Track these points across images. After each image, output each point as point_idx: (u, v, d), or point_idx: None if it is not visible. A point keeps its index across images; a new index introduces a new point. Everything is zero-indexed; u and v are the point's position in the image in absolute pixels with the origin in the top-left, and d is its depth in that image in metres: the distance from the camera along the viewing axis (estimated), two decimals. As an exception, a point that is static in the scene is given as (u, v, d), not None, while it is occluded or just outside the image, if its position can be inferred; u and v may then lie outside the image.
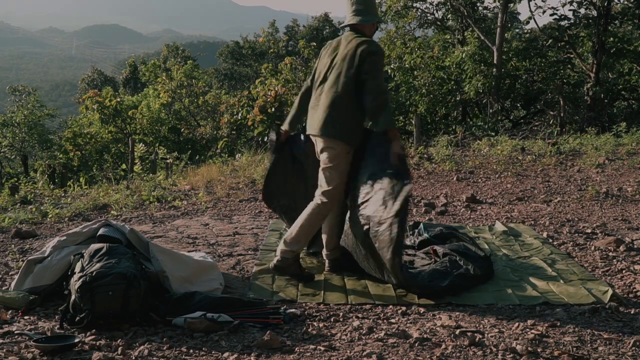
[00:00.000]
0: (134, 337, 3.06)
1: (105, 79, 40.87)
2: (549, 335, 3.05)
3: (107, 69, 67.36)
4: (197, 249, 4.77)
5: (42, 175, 12.96)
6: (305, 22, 37.30)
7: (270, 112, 14.55)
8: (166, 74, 22.00)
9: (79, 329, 3.10)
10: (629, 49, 16.93)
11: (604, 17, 16.57)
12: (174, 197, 7.43)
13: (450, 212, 6.30)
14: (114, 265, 3.19)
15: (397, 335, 3.03)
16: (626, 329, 3.12)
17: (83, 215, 6.52)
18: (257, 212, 6.48)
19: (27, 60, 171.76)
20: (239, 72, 35.37)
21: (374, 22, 4.01)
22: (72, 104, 45.66)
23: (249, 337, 3.06)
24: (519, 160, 9.28)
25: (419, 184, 7.99)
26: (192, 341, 3.02)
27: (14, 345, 2.91)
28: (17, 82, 38.89)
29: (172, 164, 11.80)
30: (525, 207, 6.43)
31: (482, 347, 2.88)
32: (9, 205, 7.28)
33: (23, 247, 5.04)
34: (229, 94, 21.68)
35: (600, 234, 5.16)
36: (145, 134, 19.75)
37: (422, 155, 10.09)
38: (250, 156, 10.68)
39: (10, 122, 21.42)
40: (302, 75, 16.16)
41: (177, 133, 20.06)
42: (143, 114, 20.19)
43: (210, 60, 47.41)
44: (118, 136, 19.31)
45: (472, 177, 8.33)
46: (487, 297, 3.71)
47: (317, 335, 3.10)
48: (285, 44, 32.87)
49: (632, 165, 8.63)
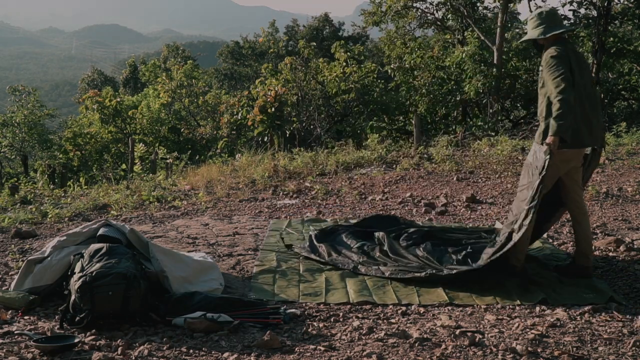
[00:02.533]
0: (134, 337, 3.06)
1: (105, 79, 40.82)
2: (549, 335, 3.05)
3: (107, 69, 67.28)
4: (197, 249, 4.77)
5: (42, 175, 12.96)
6: (306, 22, 37.24)
7: (270, 112, 14.54)
8: (166, 74, 21.99)
9: (79, 329, 3.10)
10: (629, 49, 16.92)
11: (604, 17, 16.56)
12: (174, 197, 7.43)
13: (450, 212, 6.30)
14: (114, 265, 3.19)
15: (397, 335, 3.03)
16: (626, 329, 3.12)
17: (83, 215, 6.52)
18: (257, 212, 6.48)
19: (27, 60, 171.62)
20: (239, 72, 35.33)
21: None
22: (72, 104, 45.62)
23: (249, 337, 3.06)
24: (519, 160, 9.27)
25: (419, 184, 7.99)
26: (192, 341, 3.02)
27: (14, 345, 2.91)
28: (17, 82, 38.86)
29: (172, 164, 11.80)
30: (525, 207, 6.42)
31: (482, 347, 2.88)
32: (9, 205, 7.28)
33: (23, 247, 5.04)
34: (229, 94, 21.67)
35: (600, 234, 5.16)
36: (145, 134, 19.74)
37: (422, 155, 10.09)
38: (250, 156, 10.67)
39: (10, 122, 21.40)
40: (302, 75, 16.15)
41: (177, 133, 20.05)
42: (143, 114, 20.18)
43: (210, 60, 47.37)
44: (118, 136, 19.30)
45: (472, 177, 8.33)
46: (487, 297, 3.71)
47: (317, 335, 3.10)
48: (285, 44, 32.81)
49: (632, 165, 8.63)
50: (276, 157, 10.56)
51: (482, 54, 16.91)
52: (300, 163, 9.60)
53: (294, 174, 8.91)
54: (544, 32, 3.96)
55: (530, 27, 4.07)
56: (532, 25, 4.05)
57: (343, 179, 8.48)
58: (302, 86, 16.05)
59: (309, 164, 9.54)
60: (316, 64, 16.62)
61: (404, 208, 6.53)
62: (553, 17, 4.03)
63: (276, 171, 8.97)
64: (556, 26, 3.98)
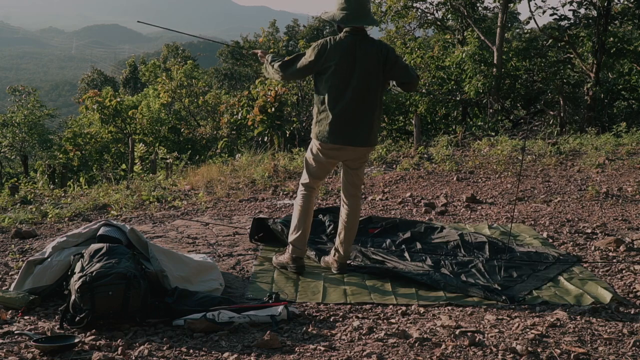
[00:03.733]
0: (134, 337, 3.06)
1: (105, 79, 40.83)
2: (549, 335, 3.05)
3: (107, 69, 67.30)
4: (197, 249, 4.77)
5: (42, 175, 12.97)
6: (306, 22, 37.31)
7: (270, 112, 14.54)
8: (166, 74, 21.99)
9: (79, 329, 3.10)
10: (629, 49, 16.92)
11: (604, 17, 16.56)
12: (174, 197, 7.43)
13: (450, 212, 6.30)
14: (114, 265, 3.19)
15: (397, 335, 3.03)
16: (626, 329, 3.12)
17: (83, 215, 6.52)
18: (257, 212, 6.48)
19: (27, 60, 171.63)
20: (239, 72, 35.36)
21: None
22: (72, 104, 45.64)
23: (249, 337, 3.06)
24: (519, 160, 9.27)
25: (419, 184, 7.99)
26: (192, 341, 3.02)
27: (14, 345, 2.91)
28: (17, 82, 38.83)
29: (172, 164, 11.81)
30: (525, 207, 6.43)
31: (482, 347, 2.88)
32: (9, 205, 7.28)
33: (23, 247, 5.04)
34: (229, 94, 21.67)
35: (600, 234, 5.16)
36: (145, 134, 19.74)
37: (422, 155, 10.09)
38: (250, 156, 10.68)
39: (10, 122, 21.42)
40: (302, 75, 16.13)
41: (177, 133, 20.06)
42: (143, 114, 20.19)
43: (210, 60, 47.37)
44: (118, 136, 19.31)
45: (472, 177, 8.33)
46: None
47: (317, 335, 3.10)
48: (286, 44, 32.84)
49: (632, 165, 8.63)
50: (276, 157, 10.56)
51: (482, 54, 16.92)
52: (300, 163, 9.60)
53: (294, 174, 8.92)
54: (344, 20, 3.88)
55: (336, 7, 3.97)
56: (338, 6, 3.94)
57: (343, 179, 8.48)
58: (302, 86, 16.06)
59: (309, 164, 9.53)
60: (316, 64, 16.59)
61: (404, 208, 6.53)
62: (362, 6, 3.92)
63: (276, 171, 8.97)
64: (359, 18, 3.88)
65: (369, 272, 4.15)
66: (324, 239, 4.96)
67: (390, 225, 5.18)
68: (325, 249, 4.64)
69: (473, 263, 4.29)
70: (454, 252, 4.59)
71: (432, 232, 5.02)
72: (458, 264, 4.27)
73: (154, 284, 3.47)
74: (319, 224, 5.19)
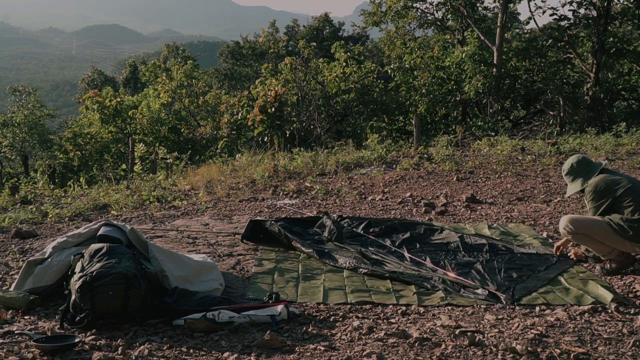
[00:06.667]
0: (134, 337, 3.07)
1: (105, 79, 40.78)
2: (549, 335, 3.05)
3: (107, 69, 67.26)
4: (197, 249, 4.77)
5: (42, 175, 12.97)
6: (306, 22, 37.24)
7: (270, 112, 14.54)
8: (166, 74, 21.98)
9: (79, 329, 3.10)
10: (628, 49, 16.92)
11: (604, 17, 16.56)
12: (174, 197, 7.43)
13: (450, 212, 6.30)
14: (114, 265, 3.19)
15: (397, 335, 3.03)
16: (626, 329, 3.12)
17: (83, 215, 6.52)
18: (257, 212, 6.48)
19: (27, 60, 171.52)
20: (239, 72, 35.31)
21: None
22: (72, 104, 45.63)
23: (249, 337, 3.06)
24: (519, 160, 9.27)
25: (419, 184, 8.00)
26: (192, 341, 3.02)
27: (14, 345, 2.91)
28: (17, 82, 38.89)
29: (172, 164, 11.80)
30: (525, 207, 6.43)
31: (482, 347, 2.88)
32: (9, 205, 7.28)
33: (23, 247, 5.04)
34: (229, 94, 21.64)
35: (600, 234, 5.15)
36: (145, 134, 19.72)
37: (422, 155, 10.09)
38: (250, 156, 10.68)
39: (11, 122, 21.39)
40: (302, 75, 16.15)
41: (177, 133, 20.03)
42: (143, 114, 20.16)
43: (210, 60, 47.34)
44: (118, 136, 19.29)
45: (472, 177, 8.33)
46: (487, 297, 3.71)
47: (317, 335, 3.10)
48: (286, 44, 32.78)
49: (632, 165, 8.63)
50: (276, 157, 10.56)
51: (482, 54, 16.92)
52: (300, 163, 9.60)
53: (294, 174, 8.92)
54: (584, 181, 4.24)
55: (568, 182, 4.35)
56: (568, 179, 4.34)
57: (343, 179, 8.49)
58: (302, 86, 16.05)
59: (309, 164, 9.54)
60: (316, 64, 16.62)
61: (403, 208, 6.53)
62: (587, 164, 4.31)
63: (276, 171, 8.98)
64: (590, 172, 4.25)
65: (369, 274, 4.15)
66: (324, 239, 4.96)
67: (389, 228, 5.17)
68: (325, 249, 4.64)
69: (473, 264, 4.30)
70: (454, 253, 4.59)
71: (432, 234, 5.03)
72: (458, 265, 4.28)
73: (154, 284, 3.47)
74: (320, 225, 5.21)
